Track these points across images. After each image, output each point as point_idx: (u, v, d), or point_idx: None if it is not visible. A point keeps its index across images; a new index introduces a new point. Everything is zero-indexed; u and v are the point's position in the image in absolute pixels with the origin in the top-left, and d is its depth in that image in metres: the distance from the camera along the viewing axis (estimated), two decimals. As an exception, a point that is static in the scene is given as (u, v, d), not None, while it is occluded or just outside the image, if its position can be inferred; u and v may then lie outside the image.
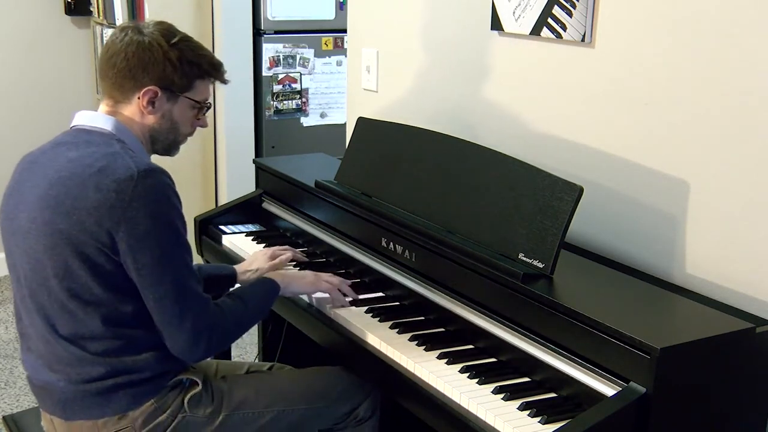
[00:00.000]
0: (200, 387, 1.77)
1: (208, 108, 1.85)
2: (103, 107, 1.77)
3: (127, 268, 1.62)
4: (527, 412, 1.53)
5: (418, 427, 1.86)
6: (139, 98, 1.72)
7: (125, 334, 1.67)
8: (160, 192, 1.62)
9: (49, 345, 1.68)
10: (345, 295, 2.00)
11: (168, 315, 1.64)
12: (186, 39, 1.76)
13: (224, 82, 1.86)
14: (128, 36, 1.72)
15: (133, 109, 1.74)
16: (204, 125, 1.86)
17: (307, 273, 2.03)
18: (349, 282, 2.05)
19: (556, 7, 2.01)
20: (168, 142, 1.81)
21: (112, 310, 1.65)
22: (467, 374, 1.66)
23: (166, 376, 1.74)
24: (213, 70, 1.81)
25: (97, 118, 1.74)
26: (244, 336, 3.57)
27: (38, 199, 1.65)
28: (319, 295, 2.01)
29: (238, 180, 3.90)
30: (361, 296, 2.02)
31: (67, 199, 1.61)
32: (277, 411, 1.85)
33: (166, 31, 1.75)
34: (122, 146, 1.68)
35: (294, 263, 2.22)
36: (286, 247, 2.25)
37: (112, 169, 1.60)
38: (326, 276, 2.02)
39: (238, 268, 2.13)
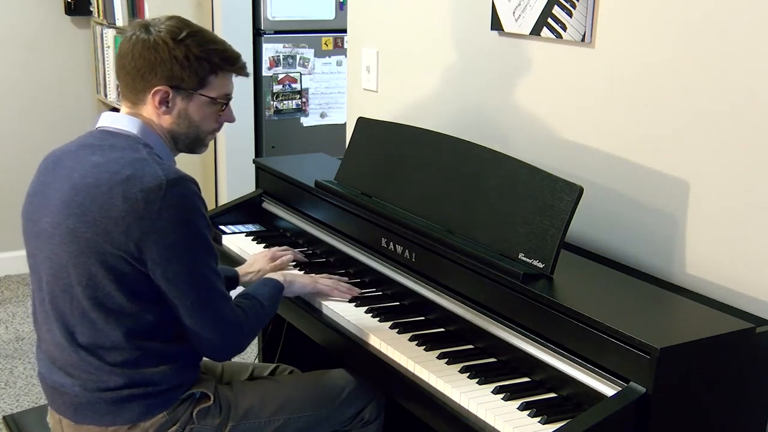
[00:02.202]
0: (211, 401, 1.75)
1: (227, 103, 1.77)
2: (125, 109, 1.73)
3: (156, 277, 1.59)
4: (527, 412, 1.53)
5: (423, 428, 1.85)
6: (151, 99, 1.69)
7: (144, 346, 1.65)
8: (189, 201, 1.60)
9: (65, 352, 1.66)
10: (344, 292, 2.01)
11: (201, 320, 1.64)
12: (194, 34, 1.69)
13: (245, 75, 1.78)
14: (135, 35, 1.68)
15: (149, 110, 1.70)
16: (230, 120, 1.79)
17: (305, 275, 2.05)
18: (346, 280, 2.07)
19: (556, 7, 2.01)
20: (189, 140, 1.76)
21: (134, 321, 1.63)
22: (467, 374, 1.66)
23: (180, 389, 1.72)
24: (226, 63, 1.72)
25: (121, 119, 1.70)
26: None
27: (63, 204, 1.61)
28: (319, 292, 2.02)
29: (238, 180, 3.89)
30: (361, 296, 2.02)
31: (93, 207, 1.57)
32: (284, 419, 1.84)
33: (175, 27, 1.68)
34: (149, 151, 1.65)
35: (294, 263, 2.22)
36: (286, 247, 2.25)
37: (140, 178, 1.57)
38: (323, 278, 2.03)
39: (239, 269, 2.13)
